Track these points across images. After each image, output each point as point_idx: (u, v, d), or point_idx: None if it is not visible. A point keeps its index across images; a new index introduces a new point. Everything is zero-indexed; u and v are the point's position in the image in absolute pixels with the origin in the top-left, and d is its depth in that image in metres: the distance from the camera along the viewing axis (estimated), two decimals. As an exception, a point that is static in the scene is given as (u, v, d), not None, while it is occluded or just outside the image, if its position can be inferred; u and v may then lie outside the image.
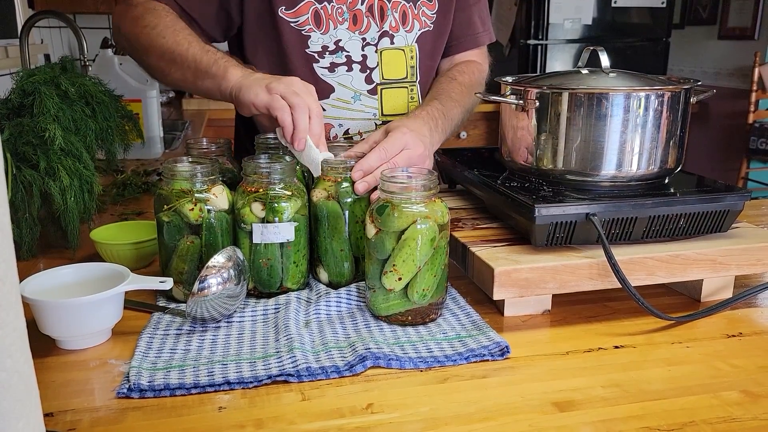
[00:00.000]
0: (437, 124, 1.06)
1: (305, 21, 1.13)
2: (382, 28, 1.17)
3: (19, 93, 1.03)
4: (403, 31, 1.19)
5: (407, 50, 1.21)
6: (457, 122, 1.16)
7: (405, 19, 1.19)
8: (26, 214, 0.97)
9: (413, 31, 1.20)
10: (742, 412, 0.63)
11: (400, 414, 0.63)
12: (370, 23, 1.16)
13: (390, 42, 1.19)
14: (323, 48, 1.15)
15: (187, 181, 0.83)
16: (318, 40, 1.15)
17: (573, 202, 0.82)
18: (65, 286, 0.80)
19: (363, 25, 1.16)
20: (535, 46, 3.28)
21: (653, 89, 0.86)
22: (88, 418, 0.61)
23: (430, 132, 1.03)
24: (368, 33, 1.17)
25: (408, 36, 1.20)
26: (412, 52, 1.21)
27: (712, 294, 0.89)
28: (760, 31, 3.80)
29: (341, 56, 1.16)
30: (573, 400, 0.65)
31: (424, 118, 1.04)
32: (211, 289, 0.76)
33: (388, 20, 1.17)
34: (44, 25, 2.77)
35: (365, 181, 0.87)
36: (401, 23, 1.18)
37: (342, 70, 1.17)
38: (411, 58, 1.22)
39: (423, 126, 1.01)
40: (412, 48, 1.21)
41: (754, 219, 1.20)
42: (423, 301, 0.78)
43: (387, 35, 1.18)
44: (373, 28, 1.17)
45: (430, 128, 1.03)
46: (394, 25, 1.18)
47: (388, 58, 1.19)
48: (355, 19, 1.15)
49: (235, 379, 0.67)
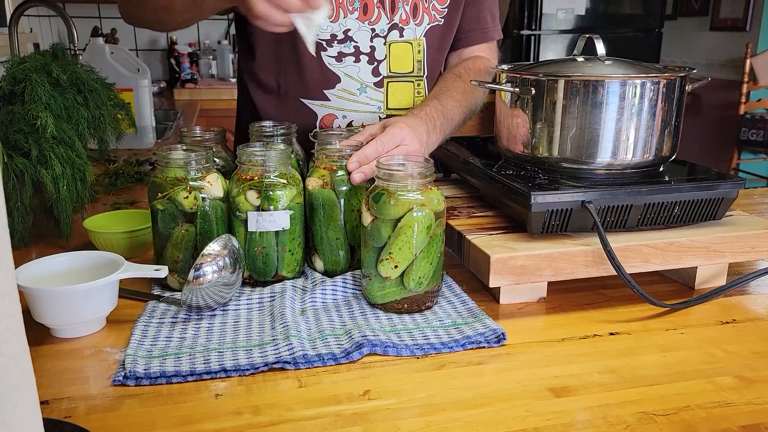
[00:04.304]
0: (435, 125, 1.05)
1: None
2: (392, 20, 1.16)
3: (10, 80, 1.01)
4: (413, 24, 1.18)
5: (415, 44, 1.20)
6: (458, 122, 1.15)
7: (416, 12, 1.18)
8: (18, 202, 0.96)
9: (422, 24, 1.19)
10: (736, 397, 0.64)
11: (397, 400, 0.63)
12: (380, 14, 1.15)
13: (399, 35, 1.18)
14: (332, 36, 1.15)
15: (182, 169, 0.83)
16: (327, 28, 1.14)
17: (569, 190, 0.82)
18: (59, 274, 0.79)
19: (373, 15, 1.15)
20: (528, 37, 3.28)
21: (649, 77, 0.86)
22: (84, 406, 0.61)
23: (428, 132, 1.02)
24: (378, 24, 1.16)
25: (417, 29, 1.19)
26: (420, 46, 1.20)
27: (706, 281, 0.89)
28: (751, 23, 3.81)
29: (350, 46, 1.16)
30: (569, 386, 0.65)
31: (422, 117, 1.03)
32: (206, 277, 0.76)
33: (398, 12, 1.16)
34: (33, 13, 2.74)
35: (361, 172, 0.87)
36: (411, 16, 1.17)
37: (349, 61, 1.17)
38: (418, 52, 1.21)
39: (421, 125, 1.01)
40: (420, 42, 1.20)
41: (746, 208, 1.21)
42: (419, 288, 0.78)
43: (396, 28, 1.17)
44: (383, 20, 1.16)
45: (427, 128, 1.02)
46: (405, 18, 1.17)
47: (396, 51, 1.18)
48: (366, 9, 1.14)
49: (232, 367, 0.67)
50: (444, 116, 1.08)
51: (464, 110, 1.16)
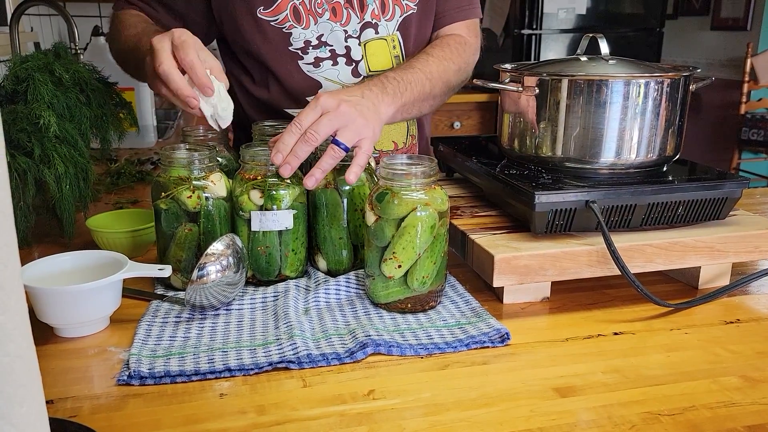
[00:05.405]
0: (384, 87, 0.98)
1: (285, 18, 1.11)
2: (363, 19, 1.15)
3: (13, 79, 1.01)
4: (383, 20, 1.16)
5: (389, 39, 1.17)
6: (424, 89, 1.07)
7: (384, 8, 1.16)
8: (21, 202, 0.96)
9: (394, 18, 1.17)
10: (741, 397, 0.64)
11: (401, 400, 0.63)
12: (350, 15, 1.14)
13: (374, 32, 1.16)
14: (306, 43, 1.13)
15: (185, 168, 0.83)
16: (300, 36, 1.13)
17: (572, 190, 0.82)
18: (63, 274, 0.79)
19: (343, 17, 1.13)
20: (530, 36, 3.27)
21: (653, 76, 0.86)
22: (89, 405, 0.61)
23: (364, 92, 0.93)
24: (349, 25, 1.14)
25: (389, 24, 1.17)
26: (395, 41, 1.18)
27: (710, 281, 0.89)
28: (752, 22, 3.81)
29: (325, 50, 1.14)
30: (573, 386, 0.65)
31: (358, 85, 0.97)
32: (210, 276, 0.76)
33: (368, 9, 1.14)
34: (34, 12, 2.73)
35: (288, 164, 0.82)
36: (381, 12, 1.16)
37: (327, 65, 1.15)
38: (393, 48, 1.18)
39: (352, 90, 0.94)
40: (394, 37, 1.18)
41: (749, 208, 1.21)
42: (422, 288, 0.78)
43: (370, 25, 1.15)
44: (353, 20, 1.14)
45: (364, 90, 0.94)
46: (376, 14, 1.15)
47: (372, 50, 1.17)
48: (335, 12, 1.13)
49: (236, 366, 0.66)
50: (398, 80, 1.02)
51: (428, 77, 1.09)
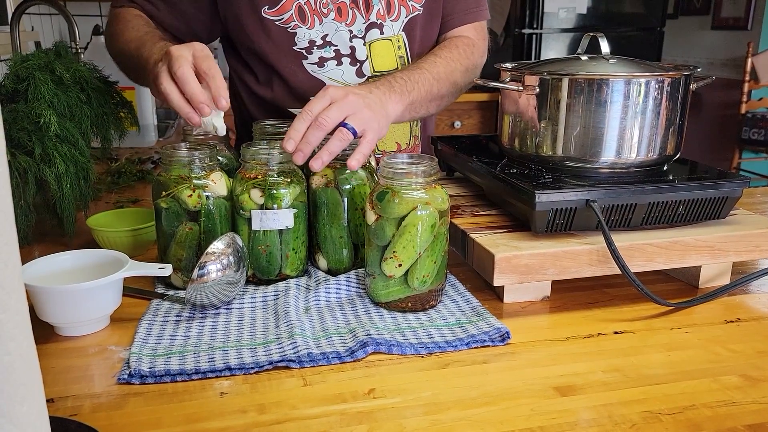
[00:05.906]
0: (391, 86, 1.00)
1: (289, 18, 1.11)
2: (369, 19, 1.15)
3: (13, 78, 1.01)
4: (389, 20, 1.16)
5: (394, 40, 1.17)
6: (431, 89, 1.08)
7: (390, 8, 1.15)
8: (21, 201, 0.96)
9: (399, 19, 1.17)
10: (741, 396, 0.64)
11: (402, 399, 0.63)
12: (355, 15, 1.14)
13: (379, 32, 1.16)
14: (310, 43, 1.13)
15: (186, 167, 0.83)
16: (304, 36, 1.13)
17: (573, 189, 0.82)
18: (64, 273, 0.79)
19: (348, 17, 1.13)
20: (530, 35, 3.27)
21: (654, 75, 0.86)
22: (89, 404, 0.61)
23: (371, 88, 0.96)
24: (354, 25, 1.14)
25: (394, 25, 1.17)
26: (400, 42, 1.18)
27: (710, 280, 0.89)
28: (753, 22, 3.81)
29: (329, 50, 1.14)
30: (574, 385, 0.65)
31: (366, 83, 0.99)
32: (210, 275, 0.76)
33: (374, 10, 1.14)
34: (35, 11, 2.73)
35: (300, 151, 0.83)
36: (387, 12, 1.15)
37: (332, 65, 1.15)
38: (399, 48, 1.18)
39: (361, 86, 0.96)
40: (399, 37, 1.18)
41: (749, 207, 1.21)
42: (423, 287, 0.78)
43: (375, 26, 1.15)
44: (359, 20, 1.14)
45: (372, 88, 0.96)
46: (382, 14, 1.15)
47: (377, 50, 1.17)
48: (340, 12, 1.13)
49: (237, 365, 0.66)
50: (406, 80, 1.03)
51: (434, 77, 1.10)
